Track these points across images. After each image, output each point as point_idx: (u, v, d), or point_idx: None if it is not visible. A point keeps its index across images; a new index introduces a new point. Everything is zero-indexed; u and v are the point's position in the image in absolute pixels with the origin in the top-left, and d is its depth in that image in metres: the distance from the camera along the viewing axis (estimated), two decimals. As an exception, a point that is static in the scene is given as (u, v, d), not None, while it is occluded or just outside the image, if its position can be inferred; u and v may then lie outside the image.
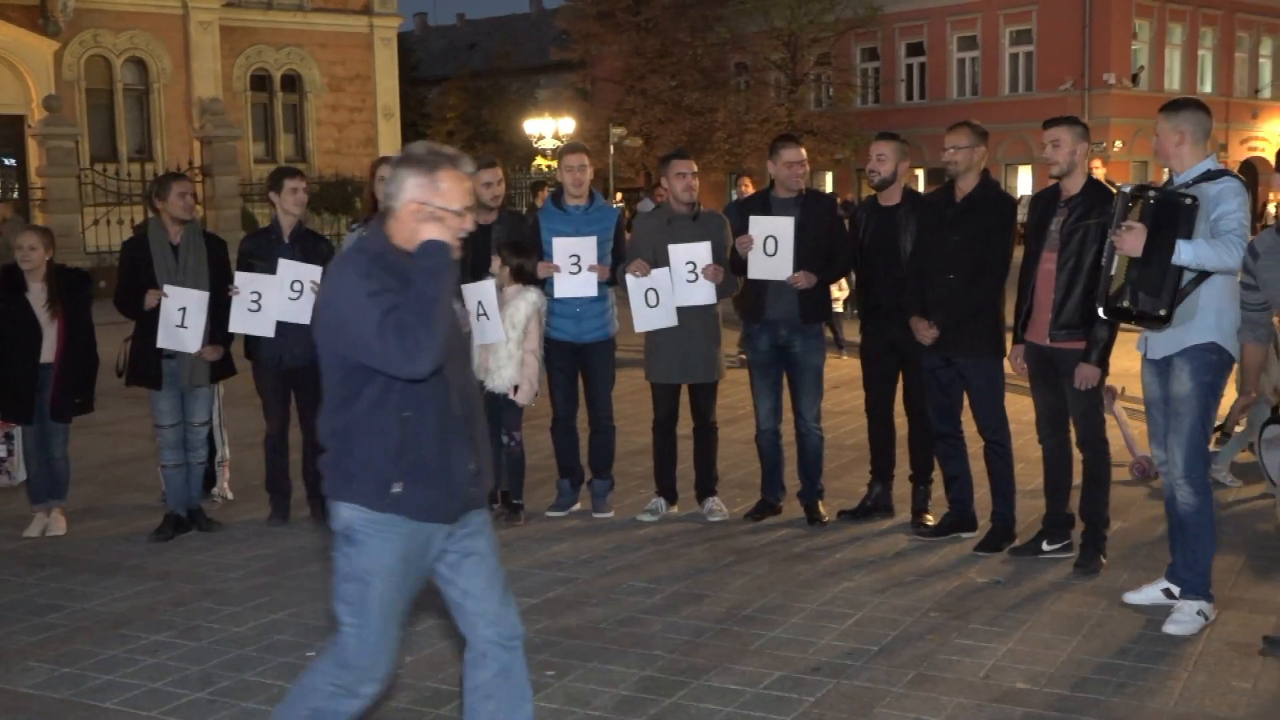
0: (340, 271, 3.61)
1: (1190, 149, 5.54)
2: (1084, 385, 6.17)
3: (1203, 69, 38.57)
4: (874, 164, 7.16)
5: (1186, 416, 5.51)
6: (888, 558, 6.73)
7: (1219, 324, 5.46)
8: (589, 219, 7.53)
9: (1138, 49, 36.50)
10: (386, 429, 3.58)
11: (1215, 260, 5.25)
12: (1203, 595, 5.61)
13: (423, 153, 3.61)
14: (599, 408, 7.71)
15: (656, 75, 38.56)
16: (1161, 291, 5.31)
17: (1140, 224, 5.29)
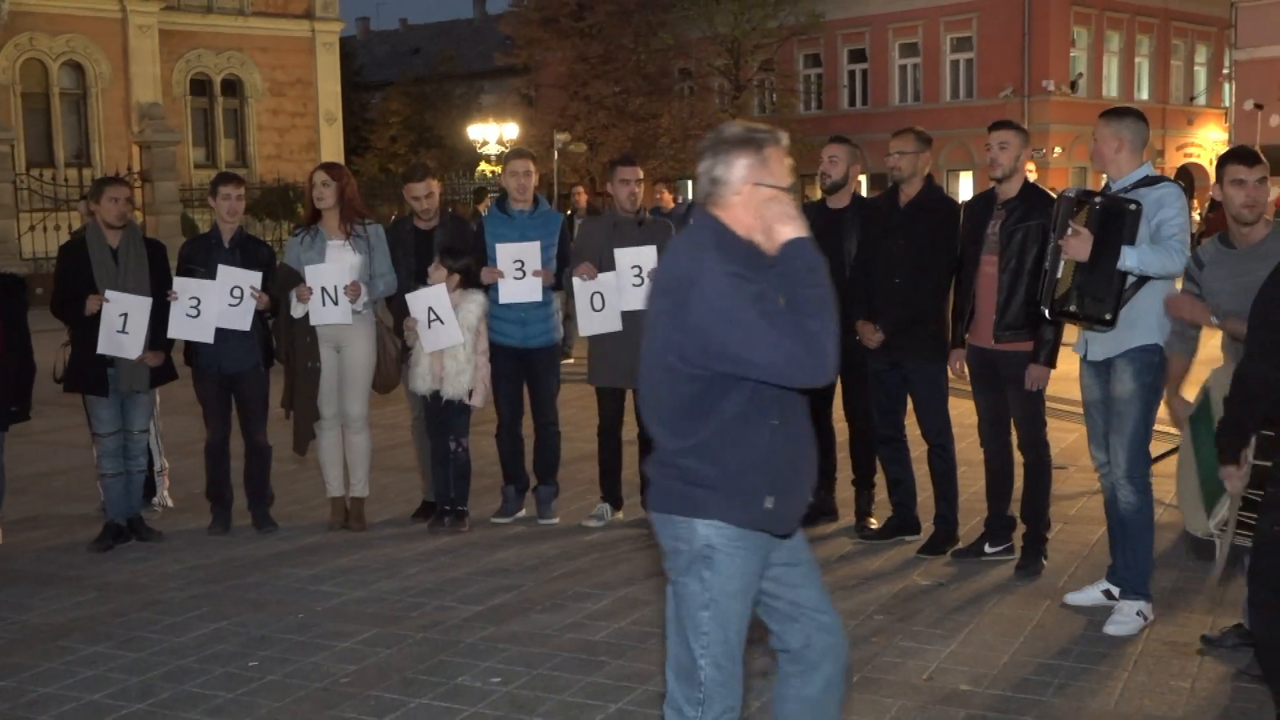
0: (702, 277, 3.27)
1: (1128, 155, 5.63)
2: (1035, 385, 6.23)
3: (1139, 76, 39.14)
4: (825, 166, 7.20)
5: (1129, 417, 5.58)
6: (832, 561, 6.76)
7: (1160, 326, 5.54)
8: (534, 224, 7.52)
9: (1076, 56, 36.97)
10: (756, 439, 3.34)
11: (1159, 265, 5.34)
12: (1142, 595, 5.68)
13: (743, 133, 3.39)
14: (544, 413, 7.70)
15: (600, 81, 38.57)
16: (1107, 296, 5.39)
17: (1086, 230, 5.36)
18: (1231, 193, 5.07)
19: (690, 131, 37.31)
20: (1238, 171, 5.07)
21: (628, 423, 7.63)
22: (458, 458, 7.48)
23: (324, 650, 5.53)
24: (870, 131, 35.32)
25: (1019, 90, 35.52)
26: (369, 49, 61.52)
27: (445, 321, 7.20)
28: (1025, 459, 6.49)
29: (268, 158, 36.62)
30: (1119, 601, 5.71)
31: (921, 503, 7.14)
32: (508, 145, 32.27)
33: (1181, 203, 5.50)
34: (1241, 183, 5.05)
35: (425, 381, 7.34)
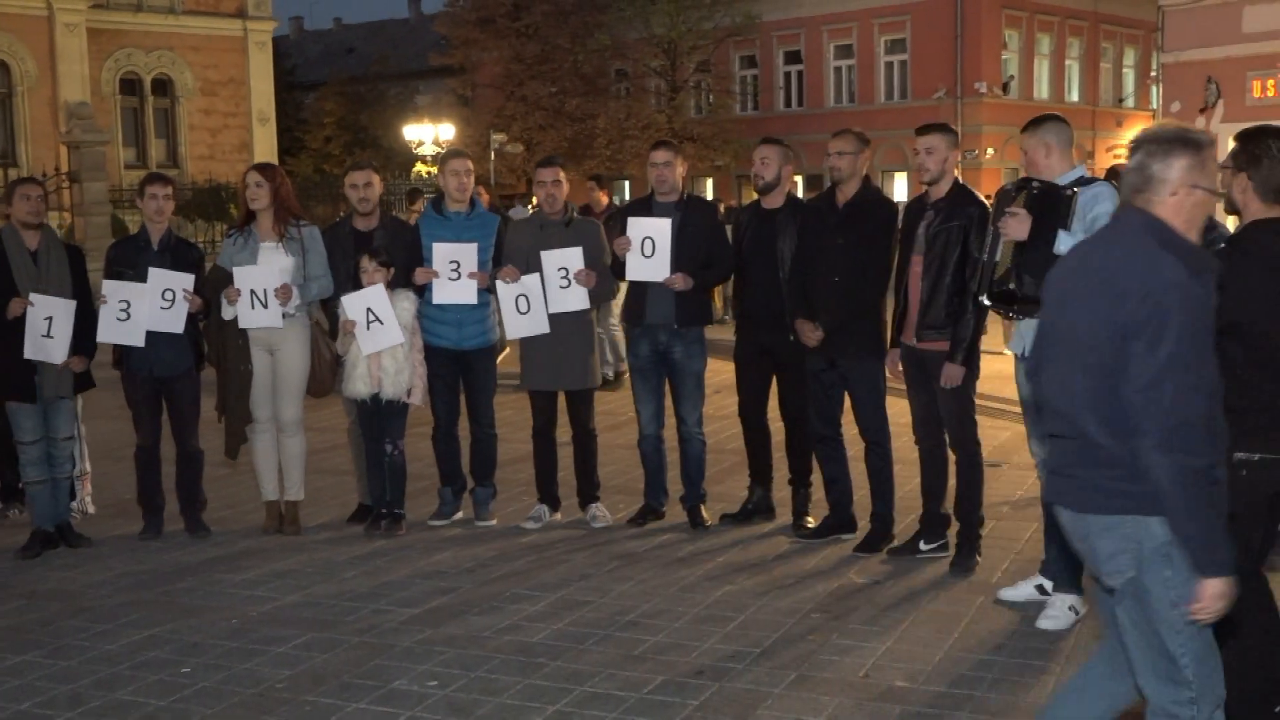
0: (1173, 290, 3.24)
1: (1059, 158, 5.72)
2: (949, 383, 6.29)
3: (1070, 78, 39.65)
4: (758, 168, 7.24)
5: None
6: (769, 560, 6.79)
7: None
8: (470, 225, 7.49)
9: (1008, 58, 37.38)
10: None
11: None
12: (1074, 589, 5.76)
13: (1182, 133, 3.38)
14: (481, 415, 7.67)
15: (537, 81, 38.48)
16: (1045, 276, 5.47)
17: (1024, 211, 5.45)
18: None
19: (627, 132, 37.36)
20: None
21: (562, 424, 7.64)
22: (393, 460, 7.44)
23: (258, 656, 5.47)
24: (806, 132, 35.52)
25: (952, 92, 35.85)
26: (302, 48, 60.97)
27: (385, 322, 7.16)
28: (957, 457, 6.55)
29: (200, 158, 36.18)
30: (1052, 595, 5.79)
31: (858, 501, 7.20)
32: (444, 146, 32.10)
33: (1115, 201, 5.59)
34: None
35: (365, 384, 7.29)
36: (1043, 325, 3.64)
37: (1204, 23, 24.85)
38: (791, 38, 39.64)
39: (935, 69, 36.20)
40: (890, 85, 38.05)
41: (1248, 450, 4.10)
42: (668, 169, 7.29)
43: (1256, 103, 23.66)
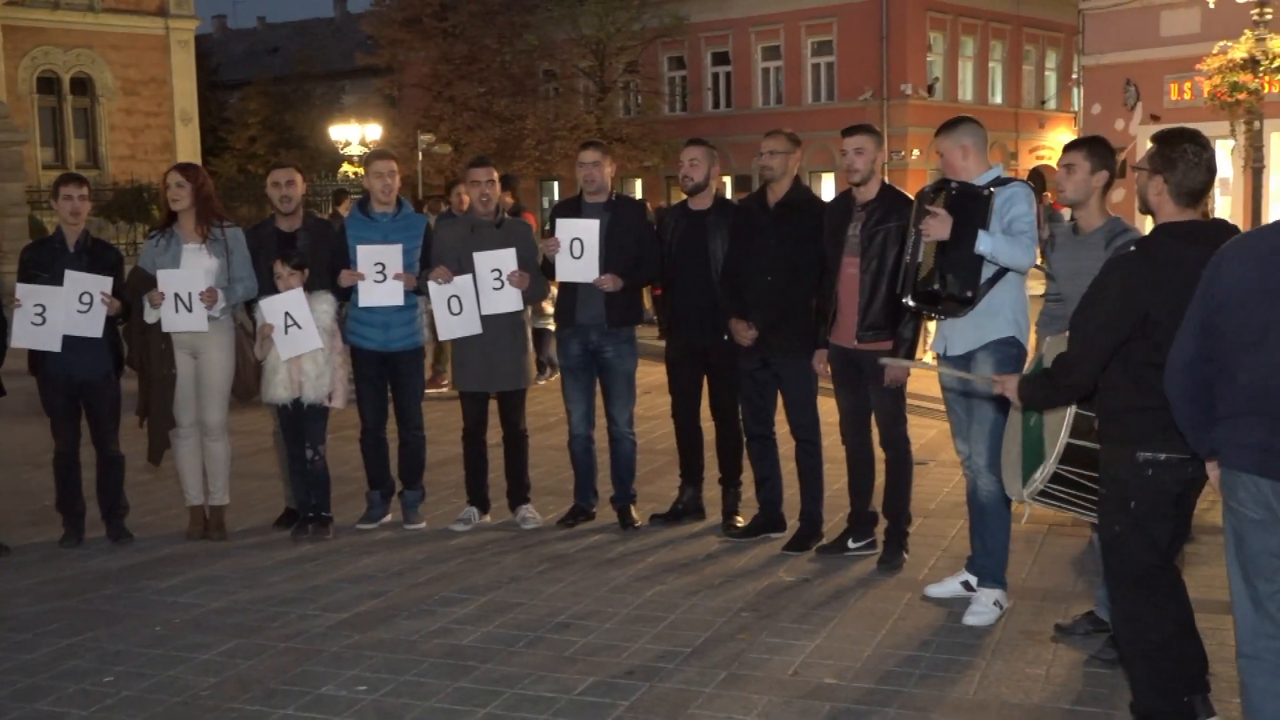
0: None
1: (975, 159, 5.80)
2: (892, 383, 6.36)
3: (993, 80, 40.13)
4: (686, 169, 7.26)
5: (989, 407, 5.74)
6: (699, 560, 6.81)
7: (1016, 320, 5.74)
8: (396, 227, 7.44)
9: (933, 61, 37.75)
10: None
11: (1009, 256, 5.53)
12: (999, 583, 5.83)
13: None
14: (408, 417, 7.63)
15: (465, 82, 38.28)
16: (968, 275, 5.57)
17: (945, 211, 5.52)
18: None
19: (555, 133, 37.27)
20: (1060, 157, 5.54)
21: (492, 425, 7.61)
22: (314, 466, 7.37)
23: (182, 663, 5.40)
24: (735, 133, 35.71)
25: (878, 94, 36.16)
26: (226, 47, 60.21)
27: (303, 326, 7.10)
28: (886, 455, 6.61)
29: (121, 158, 35.60)
30: (977, 591, 5.86)
31: (787, 500, 7.24)
32: (370, 146, 31.87)
33: (1031, 201, 5.71)
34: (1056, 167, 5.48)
35: (285, 389, 7.22)
36: (1238, 315, 3.68)
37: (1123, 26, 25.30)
38: (720, 39, 39.77)
39: (861, 71, 36.48)
40: (817, 87, 38.29)
41: (1153, 449, 4.18)
42: (596, 169, 7.29)
43: (1174, 105, 24.12)
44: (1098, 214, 5.39)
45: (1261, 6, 18.15)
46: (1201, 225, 4.21)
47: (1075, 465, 4.52)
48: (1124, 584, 4.33)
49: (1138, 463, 4.17)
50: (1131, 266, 4.19)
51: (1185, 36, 23.26)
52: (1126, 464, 4.20)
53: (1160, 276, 4.12)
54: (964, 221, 5.51)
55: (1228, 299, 3.69)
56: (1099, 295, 4.23)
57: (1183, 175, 4.21)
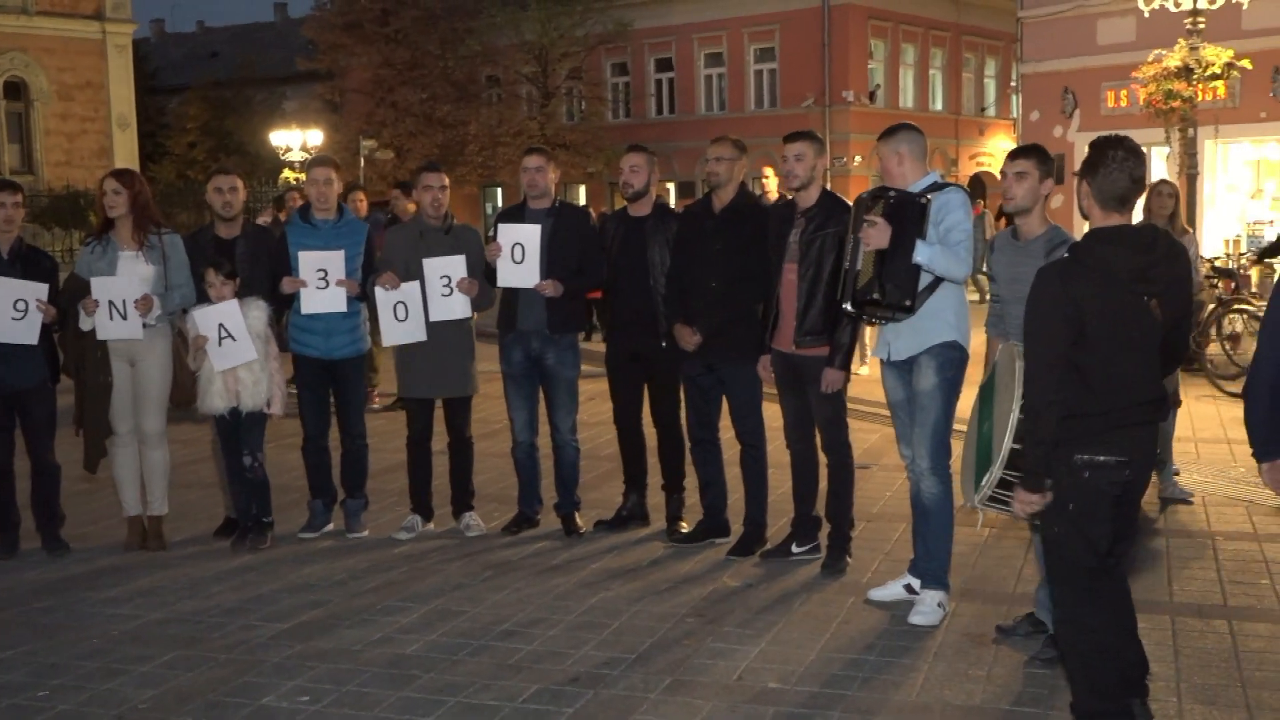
0: None
1: (912, 165, 5.87)
2: (830, 388, 6.39)
3: (934, 88, 40.50)
4: (628, 176, 7.26)
5: (931, 410, 5.80)
6: (644, 566, 6.82)
7: (957, 324, 5.82)
8: (338, 233, 7.40)
9: (874, 68, 38.04)
10: None
11: (945, 266, 5.60)
12: (941, 585, 5.89)
13: None
14: (351, 425, 7.58)
15: (407, 87, 38.11)
16: (907, 283, 5.62)
17: (883, 220, 5.57)
18: (1002, 183, 5.54)
19: (499, 139, 37.21)
20: (1003, 165, 5.56)
21: (438, 433, 7.58)
22: (253, 473, 7.30)
23: (121, 676, 5.32)
24: (678, 140, 35.79)
25: (820, 100, 36.37)
26: (164, 51, 59.56)
27: (238, 339, 7.03)
28: (829, 460, 6.65)
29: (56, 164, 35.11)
30: (920, 593, 5.91)
31: (731, 505, 7.26)
32: (312, 152, 31.64)
33: (966, 209, 5.76)
34: (1004, 174, 5.50)
35: (222, 399, 7.15)
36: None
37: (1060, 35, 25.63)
38: (663, 45, 39.86)
39: (803, 78, 36.69)
40: (760, 93, 38.46)
41: (1089, 452, 4.23)
42: (539, 174, 7.28)
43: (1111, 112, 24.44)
44: (1040, 222, 5.43)
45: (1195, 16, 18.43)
46: (1131, 230, 4.27)
47: (1014, 469, 4.56)
48: (1064, 585, 4.39)
49: (1075, 465, 4.22)
50: (1063, 273, 4.25)
51: (1121, 45, 23.59)
52: (1064, 466, 4.25)
53: (1091, 281, 4.17)
54: (902, 230, 5.57)
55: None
56: (1037, 306, 4.28)
57: (1104, 181, 4.27)
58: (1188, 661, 5.28)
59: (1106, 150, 4.29)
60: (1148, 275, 4.18)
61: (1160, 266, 4.20)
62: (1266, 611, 5.90)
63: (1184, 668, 5.21)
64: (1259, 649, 5.42)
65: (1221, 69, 18.53)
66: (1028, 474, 4.32)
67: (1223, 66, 18.53)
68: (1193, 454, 8.58)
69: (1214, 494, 8.13)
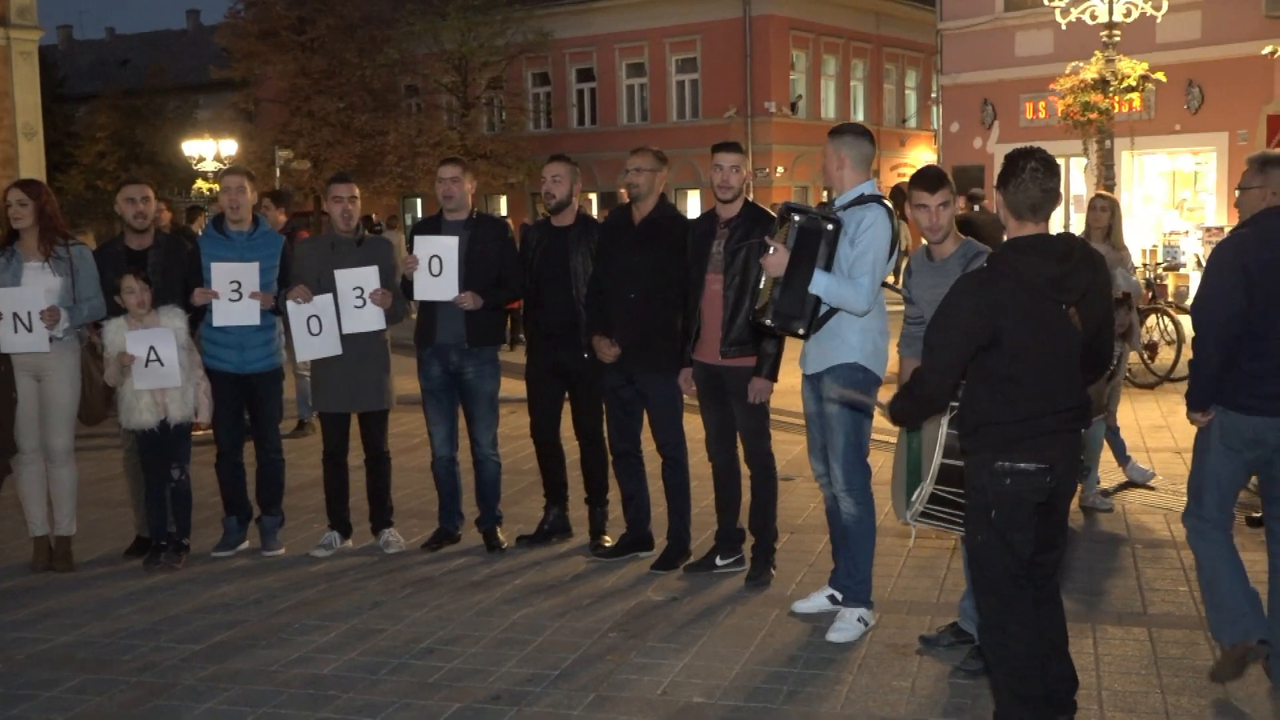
0: None
1: (850, 172, 5.87)
2: (757, 398, 6.42)
3: (855, 99, 40.92)
4: (549, 186, 7.25)
5: (839, 431, 5.82)
6: (566, 581, 6.80)
7: (861, 344, 5.80)
8: (252, 245, 7.32)
9: (795, 79, 38.36)
10: None
11: (841, 300, 5.62)
12: (864, 602, 5.92)
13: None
14: (266, 440, 7.49)
15: (324, 96, 37.76)
16: (800, 314, 5.62)
17: (783, 246, 5.56)
18: (917, 215, 5.40)
19: (418, 149, 36.98)
20: (921, 197, 5.37)
21: (354, 447, 7.51)
22: (180, 486, 7.21)
23: (26, 701, 5.21)
24: (600, 150, 35.82)
25: (742, 111, 36.60)
26: (72, 59, 58.52)
27: (165, 364, 6.95)
28: (752, 472, 6.68)
29: (-42, 174, 34.31)
30: (841, 608, 5.94)
31: (655, 518, 7.26)
32: (226, 162, 31.27)
33: (879, 233, 5.67)
34: (924, 207, 5.36)
35: (151, 413, 7.05)
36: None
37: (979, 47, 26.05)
38: (584, 55, 39.91)
39: (725, 88, 36.91)
40: (682, 104, 38.63)
41: (1010, 459, 4.28)
42: (455, 185, 7.25)
43: (1030, 124, 24.87)
44: (952, 239, 5.45)
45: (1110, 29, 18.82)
46: (1047, 239, 4.34)
47: (952, 485, 4.60)
48: (987, 593, 4.43)
49: (996, 472, 4.28)
50: (980, 283, 4.32)
51: (1039, 57, 24.04)
52: (986, 474, 4.31)
53: (1007, 291, 4.24)
54: (800, 259, 5.55)
55: (1263, 274, 4.89)
56: (949, 312, 4.34)
57: (1017, 191, 4.34)
58: (1108, 669, 5.37)
59: (1018, 161, 4.36)
60: (1065, 283, 4.25)
61: (1076, 275, 4.27)
62: (1184, 618, 6.01)
63: (1104, 675, 5.29)
64: (1177, 655, 5.52)
65: (1137, 81, 18.93)
66: (890, 404, 4.57)
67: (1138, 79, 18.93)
68: (1111, 462, 8.72)
69: (1133, 502, 8.28)
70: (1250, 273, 4.93)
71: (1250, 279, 4.92)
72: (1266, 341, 4.97)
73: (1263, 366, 4.98)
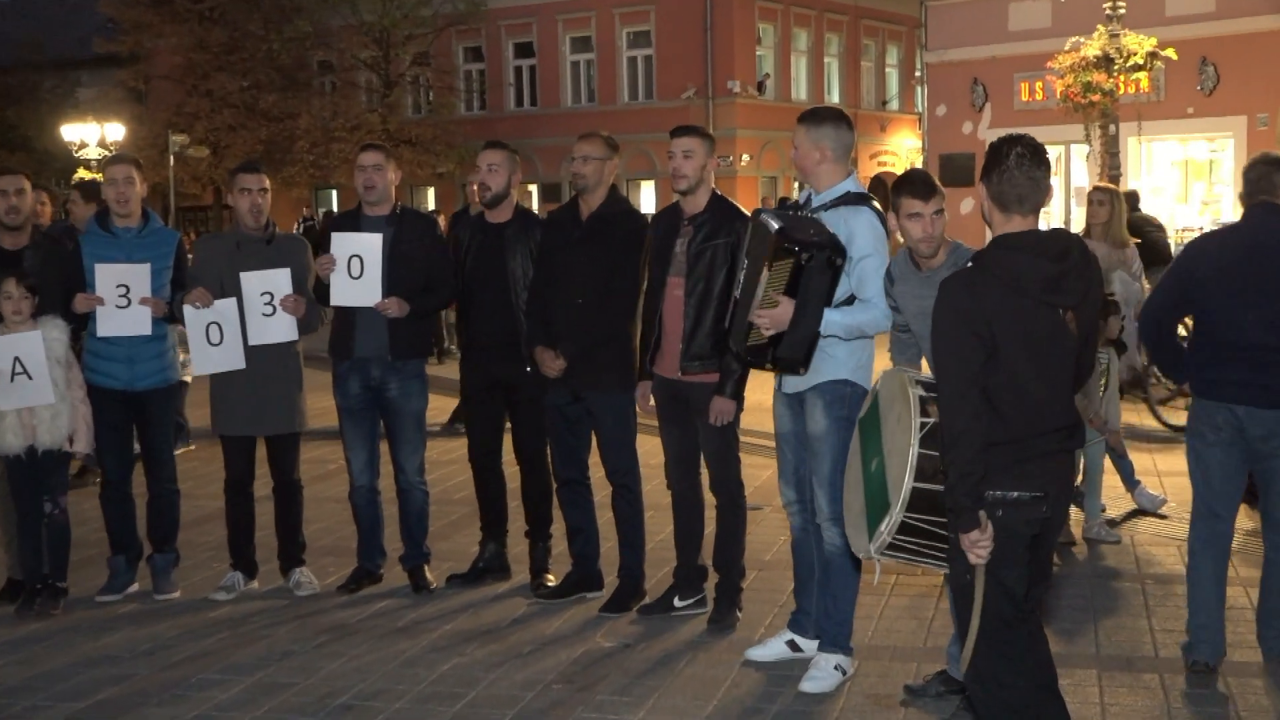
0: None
1: (831, 166, 5.86)
2: (719, 419, 6.43)
3: (829, 77, 41.16)
4: (484, 176, 7.26)
5: (825, 455, 5.83)
6: (504, 626, 6.79)
7: (849, 359, 5.82)
8: (143, 244, 7.28)
9: (762, 55, 38.56)
10: None
11: (860, 330, 5.68)
12: (842, 648, 5.93)
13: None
14: (159, 468, 7.46)
15: (225, 74, 37.60)
16: (806, 357, 5.61)
17: (787, 299, 5.48)
18: (908, 226, 5.31)
19: (333, 134, 36.88)
20: (913, 205, 5.29)
21: (261, 475, 7.47)
22: (54, 521, 7.16)
23: (-121, 770, 5.15)
24: (541, 136, 35.83)
25: (702, 91, 36.75)
26: (-67, 30, 57.96)
27: (34, 377, 6.89)
28: (717, 500, 6.70)
29: None
30: (816, 655, 5.96)
31: (605, 553, 7.27)
32: (112, 148, 31.03)
33: (876, 237, 5.70)
34: (918, 216, 5.29)
35: (16, 436, 6.99)
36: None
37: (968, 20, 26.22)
38: (522, 28, 39.94)
39: (683, 66, 37.03)
40: (634, 83, 38.74)
41: (1002, 488, 4.29)
42: (377, 174, 7.25)
43: (1025, 106, 25.10)
44: (941, 249, 5.43)
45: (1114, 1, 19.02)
46: (1039, 235, 4.38)
47: (923, 512, 4.60)
48: (978, 637, 4.46)
49: (986, 503, 4.30)
50: (969, 284, 4.34)
51: (1035, 31, 24.25)
52: None
53: (999, 293, 4.27)
54: (811, 298, 5.51)
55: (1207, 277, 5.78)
56: (942, 327, 4.35)
57: (1001, 182, 4.38)
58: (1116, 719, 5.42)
59: (1002, 149, 4.41)
60: (1061, 286, 4.29)
61: (1074, 276, 4.31)
62: (1200, 662, 6.08)
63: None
64: (1194, 705, 5.58)
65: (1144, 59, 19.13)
66: (959, 513, 4.28)
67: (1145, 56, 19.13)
68: (1118, 488, 8.81)
69: (1143, 532, 8.37)
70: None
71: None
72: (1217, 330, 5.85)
73: (1209, 355, 5.88)
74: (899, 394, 4.74)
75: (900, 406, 4.69)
